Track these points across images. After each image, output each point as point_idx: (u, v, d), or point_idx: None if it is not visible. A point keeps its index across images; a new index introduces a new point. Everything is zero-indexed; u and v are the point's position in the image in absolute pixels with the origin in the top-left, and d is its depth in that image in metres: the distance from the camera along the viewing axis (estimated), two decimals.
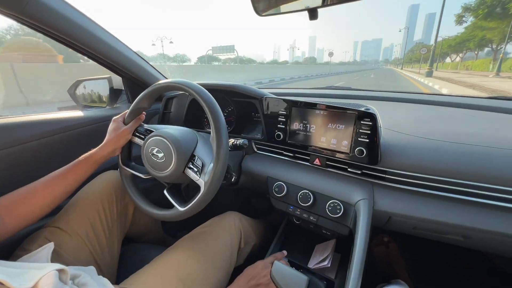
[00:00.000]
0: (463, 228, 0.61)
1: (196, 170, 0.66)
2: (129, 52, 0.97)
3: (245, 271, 0.70)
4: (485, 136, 0.66)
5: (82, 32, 0.77)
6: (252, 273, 0.68)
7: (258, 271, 0.68)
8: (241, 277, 0.68)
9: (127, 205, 0.86)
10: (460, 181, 0.60)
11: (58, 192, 0.64)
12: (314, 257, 0.81)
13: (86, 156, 0.70)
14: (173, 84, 0.70)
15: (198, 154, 0.69)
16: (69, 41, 0.76)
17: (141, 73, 1.04)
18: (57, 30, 0.70)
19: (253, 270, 0.69)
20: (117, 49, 0.91)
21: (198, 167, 0.66)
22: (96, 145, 0.79)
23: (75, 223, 0.69)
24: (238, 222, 0.82)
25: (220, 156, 0.61)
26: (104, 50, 0.87)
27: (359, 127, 0.68)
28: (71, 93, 1.18)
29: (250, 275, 0.68)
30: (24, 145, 0.75)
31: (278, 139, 0.85)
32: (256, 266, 0.70)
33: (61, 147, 0.86)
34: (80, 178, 0.68)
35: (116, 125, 0.76)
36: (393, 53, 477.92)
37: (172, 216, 0.67)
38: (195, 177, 0.65)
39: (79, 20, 0.75)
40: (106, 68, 0.99)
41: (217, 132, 0.62)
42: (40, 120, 0.81)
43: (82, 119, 0.92)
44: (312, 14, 0.47)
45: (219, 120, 0.63)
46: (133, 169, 0.77)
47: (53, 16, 0.67)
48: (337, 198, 0.71)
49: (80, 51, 0.84)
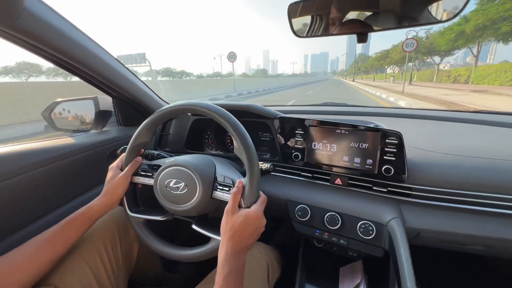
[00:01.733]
0: (489, 239, 0.63)
1: (227, 190, 0.60)
2: (123, 69, 0.88)
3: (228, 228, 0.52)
4: (495, 149, 0.71)
5: (77, 48, 0.67)
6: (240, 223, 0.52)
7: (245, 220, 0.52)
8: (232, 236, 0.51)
9: (131, 244, 0.74)
10: (483, 193, 0.63)
11: (43, 262, 0.52)
12: (343, 282, 0.77)
13: (79, 212, 0.60)
14: (188, 106, 0.63)
15: (222, 173, 0.64)
16: (61, 58, 0.65)
17: (137, 93, 0.95)
18: (50, 47, 0.60)
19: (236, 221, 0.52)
20: (112, 66, 0.81)
21: (228, 185, 0.61)
22: (84, 179, 0.68)
23: (72, 275, 0.56)
24: (263, 253, 0.76)
25: (255, 171, 0.56)
26: (99, 68, 0.77)
27: (385, 145, 0.69)
28: (46, 115, 1.01)
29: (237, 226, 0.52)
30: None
31: (296, 159, 0.82)
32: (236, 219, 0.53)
33: (41, 185, 0.71)
34: (70, 241, 0.57)
35: (112, 174, 0.68)
36: (339, 65, 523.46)
37: (213, 250, 0.59)
38: (227, 196, 0.59)
39: (74, 35, 0.66)
40: (96, 88, 0.87)
41: (245, 146, 0.57)
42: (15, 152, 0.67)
43: (67, 148, 0.78)
44: (361, 38, 0.47)
45: (245, 137, 0.58)
46: (145, 214, 0.68)
47: (46, 30, 0.57)
48: (366, 218, 0.70)
49: (70, 69, 0.73)
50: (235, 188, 0.56)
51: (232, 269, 0.48)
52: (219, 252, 0.52)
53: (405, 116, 1.08)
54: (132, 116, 1.03)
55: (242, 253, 0.52)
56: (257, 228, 0.54)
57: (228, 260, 0.49)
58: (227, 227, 0.52)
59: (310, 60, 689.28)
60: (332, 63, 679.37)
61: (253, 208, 0.55)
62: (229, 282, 0.46)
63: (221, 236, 0.54)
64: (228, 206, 0.55)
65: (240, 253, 0.51)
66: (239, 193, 0.56)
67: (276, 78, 55.40)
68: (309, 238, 0.82)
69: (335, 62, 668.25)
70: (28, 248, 0.52)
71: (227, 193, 0.60)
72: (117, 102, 0.98)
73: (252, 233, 0.53)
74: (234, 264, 0.49)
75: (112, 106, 1.00)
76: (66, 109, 1.03)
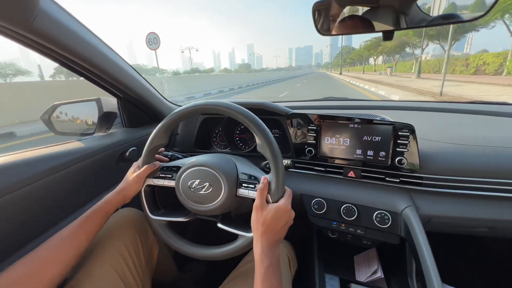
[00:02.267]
0: (493, 221, 0.69)
1: (253, 187, 0.61)
2: (131, 70, 0.85)
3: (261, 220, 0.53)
4: (501, 138, 0.76)
5: (89, 49, 0.65)
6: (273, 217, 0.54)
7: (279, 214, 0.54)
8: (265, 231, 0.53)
9: (152, 247, 0.74)
10: (488, 179, 0.68)
11: (69, 256, 0.52)
12: (359, 269, 0.81)
13: (95, 208, 0.60)
14: (208, 106, 0.63)
15: (244, 171, 0.65)
16: (72, 59, 0.63)
17: (144, 93, 0.93)
18: (64, 48, 0.57)
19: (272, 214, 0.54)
20: (120, 66, 0.79)
21: (252, 183, 0.62)
22: (96, 183, 0.68)
23: (101, 282, 0.55)
24: (283, 247, 0.78)
25: (279, 166, 0.58)
26: (108, 69, 0.75)
27: (397, 138, 0.72)
28: (45, 119, 0.97)
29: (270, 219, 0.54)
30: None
31: (310, 154, 0.84)
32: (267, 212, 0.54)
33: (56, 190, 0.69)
34: (91, 235, 0.57)
35: (131, 171, 0.69)
36: (323, 58, 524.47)
37: (242, 246, 0.60)
38: (253, 194, 0.60)
39: (86, 36, 0.63)
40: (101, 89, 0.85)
41: (268, 143, 0.58)
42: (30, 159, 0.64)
43: (78, 152, 0.76)
44: (387, 35, 0.48)
45: (268, 134, 0.59)
46: (167, 216, 0.68)
47: (61, 31, 0.55)
48: (382, 208, 0.73)
49: (78, 70, 0.70)
50: (261, 185, 0.57)
51: (271, 262, 0.49)
52: (254, 248, 0.53)
53: (408, 109, 1.13)
54: (138, 117, 1.01)
55: (276, 246, 0.53)
56: (288, 221, 0.56)
57: (265, 254, 0.50)
58: (259, 223, 0.54)
59: (294, 53, 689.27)
60: (316, 56, 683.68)
61: (282, 202, 0.56)
62: (269, 274, 0.48)
63: (253, 232, 0.55)
64: (256, 202, 0.56)
65: (274, 246, 0.53)
66: (266, 189, 0.57)
67: (260, 73, 51.26)
68: (323, 230, 0.85)
69: (319, 55, 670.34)
70: (53, 244, 0.52)
71: (252, 190, 0.61)
72: (122, 103, 0.95)
73: (284, 226, 0.55)
74: (272, 257, 0.50)
75: (117, 108, 0.97)
76: (67, 112, 0.98)
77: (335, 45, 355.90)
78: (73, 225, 0.55)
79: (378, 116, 0.86)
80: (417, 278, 0.71)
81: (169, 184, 0.67)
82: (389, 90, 13.17)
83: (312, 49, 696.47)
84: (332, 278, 0.79)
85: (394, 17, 0.49)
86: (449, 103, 1.12)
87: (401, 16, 0.47)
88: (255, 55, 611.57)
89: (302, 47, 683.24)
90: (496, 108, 1.01)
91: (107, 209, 0.61)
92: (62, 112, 0.98)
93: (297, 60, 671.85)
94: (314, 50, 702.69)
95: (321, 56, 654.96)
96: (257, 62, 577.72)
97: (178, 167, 0.67)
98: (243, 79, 31.88)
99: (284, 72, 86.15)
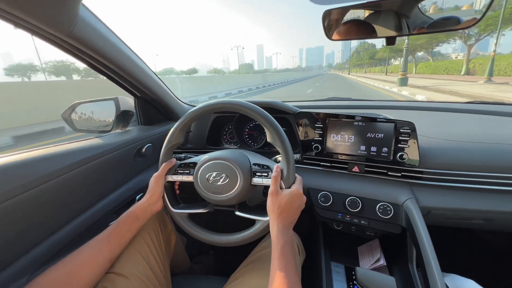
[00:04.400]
0: (489, 213, 0.74)
1: (266, 175, 0.66)
2: (149, 71, 0.91)
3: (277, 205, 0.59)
4: (494, 135, 0.82)
5: (117, 53, 0.71)
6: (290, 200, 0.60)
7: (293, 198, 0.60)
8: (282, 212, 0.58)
9: (170, 235, 0.79)
10: (483, 173, 0.73)
11: (103, 260, 0.57)
12: (363, 258, 0.86)
13: (127, 213, 0.65)
14: (223, 104, 0.68)
15: (256, 162, 0.70)
16: (103, 63, 0.69)
17: (160, 93, 0.99)
18: (97, 52, 0.63)
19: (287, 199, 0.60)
20: (141, 67, 0.85)
21: (265, 171, 0.67)
22: (114, 177, 0.74)
23: (129, 263, 0.61)
24: (293, 237, 0.83)
25: (290, 155, 0.63)
26: (131, 71, 0.81)
27: (399, 135, 0.77)
28: (66, 117, 1.03)
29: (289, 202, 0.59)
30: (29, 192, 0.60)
31: (317, 150, 0.89)
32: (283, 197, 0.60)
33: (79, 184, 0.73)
34: (124, 239, 0.62)
35: (153, 174, 0.73)
36: (335, 59, 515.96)
37: (260, 230, 0.65)
38: (267, 181, 0.65)
39: (116, 42, 0.70)
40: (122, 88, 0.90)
41: (279, 135, 0.63)
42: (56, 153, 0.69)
43: (99, 148, 0.81)
44: (390, 41, 0.54)
45: (278, 128, 0.64)
46: (187, 208, 0.73)
47: (96, 38, 0.61)
48: (384, 200, 0.78)
49: (104, 72, 0.76)
50: (275, 173, 0.63)
51: (286, 241, 0.55)
52: (270, 229, 0.58)
53: (409, 108, 1.18)
54: (153, 115, 1.07)
55: (290, 228, 0.59)
56: (300, 205, 0.62)
57: (282, 234, 0.56)
58: (274, 206, 0.59)
59: (305, 53, 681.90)
60: (328, 56, 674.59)
61: (294, 187, 0.62)
62: (285, 251, 0.53)
63: (270, 215, 0.60)
64: (271, 188, 0.61)
65: (289, 228, 0.59)
66: (279, 176, 0.63)
67: (262, 74, 41.42)
68: (329, 221, 0.90)
69: (330, 56, 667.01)
70: (90, 247, 0.57)
71: (265, 178, 0.66)
72: (139, 102, 1.01)
73: (297, 209, 0.61)
74: (287, 237, 0.56)
75: (133, 106, 1.03)
76: (86, 110, 1.04)
77: (347, 45, 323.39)
78: (108, 230, 0.60)
79: (380, 115, 0.92)
80: (418, 266, 0.76)
81: (187, 179, 0.72)
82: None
83: (323, 50, 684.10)
84: (337, 266, 0.84)
85: (396, 22, 0.54)
86: (447, 103, 1.18)
87: (403, 21, 0.52)
88: (264, 56, 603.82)
89: (313, 47, 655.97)
90: (492, 107, 1.06)
91: (136, 213, 0.65)
92: (82, 110, 1.04)
93: (307, 61, 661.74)
94: (325, 51, 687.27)
95: (332, 56, 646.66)
96: (267, 63, 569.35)
97: (194, 163, 0.72)
98: (234, 83, 24.24)
99: (290, 73, 78.26)
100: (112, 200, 0.86)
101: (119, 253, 0.61)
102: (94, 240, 0.58)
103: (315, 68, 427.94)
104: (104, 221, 0.83)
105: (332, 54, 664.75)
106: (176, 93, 1.13)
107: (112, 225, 0.62)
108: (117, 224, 0.62)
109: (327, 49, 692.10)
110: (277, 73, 55.18)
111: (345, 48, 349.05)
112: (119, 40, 0.71)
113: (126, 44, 0.75)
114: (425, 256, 0.65)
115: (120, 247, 0.61)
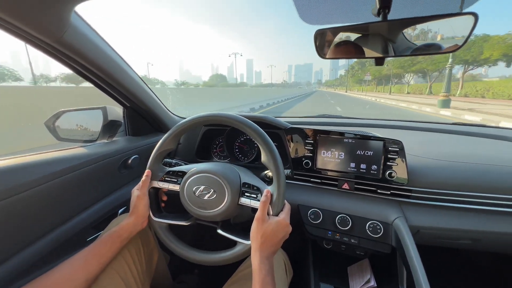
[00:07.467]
0: (476, 232, 0.74)
1: (255, 196, 0.64)
2: (140, 81, 0.90)
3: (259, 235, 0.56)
4: (481, 156, 0.84)
5: (108, 61, 0.70)
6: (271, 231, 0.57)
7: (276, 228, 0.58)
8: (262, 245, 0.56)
9: (152, 252, 0.75)
10: (471, 193, 0.74)
11: (78, 281, 0.53)
12: (353, 279, 0.83)
13: (110, 232, 0.62)
14: (216, 117, 0.67)
15: (246, 181, 0.67)
16: (92, 70, 0.67)
17: (150, 104, 0.97)
18: (86, 60, 0.62)
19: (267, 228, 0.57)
20: (132, 78, 0.84)
21: (254, 193, 0.64)
22: (97, 189, 0.72)
23: (105, 284, 0.56)
24: (280, 254, 0.80)
25: (281, 181, 0.61)
26: (121, 80, 0.79)
27: (388, 152, 0.78)
28: (49, 125, 0.99)
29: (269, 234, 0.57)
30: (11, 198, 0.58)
31: (307, 166, 0.89)
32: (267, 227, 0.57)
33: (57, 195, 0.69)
34: (103, 259, 0.58)
35: (134, 193, 0.69)
36: (323, 76, 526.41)
37: (241, 253, 0.61)
38: (254, 203, 0.63)
39: (107, 51, 0.69)
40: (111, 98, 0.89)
41: (273, 156, 0.62)
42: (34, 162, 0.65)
43: (81, 158, 0.78)
44: (379, 61, 0.56)
45: (273, 149, 0.63)
46: (169, 218, 0.69)
47: (86, 45, 0.60)
48: (374, 218, 0.78)
49: (93, 80, 0.74)
50: (264, 197, 0.60)
51: (268, 271, 0.52)
52: (252, 257, 0.56)
53: (396, 127, 1.22)
54: (141, 126, 1.04)
55: (271, 257, 0.57)
56: (285, 236, 0.60)
57: (263, 263, 0.53)
58: (258, 233, 0.57)
59: (294, 70, 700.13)
60: (316, 74, 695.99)
61: (282, 216, 0.60)
62: (267, 283, 0.51)
63: (252, 241, 0.58)
64: (258, 214, 0.59)
65: (270, 257, 0.56)
66: (268, 201, 0.60)
67: (236, 88, 36.62)
68: (318, 240, 0.88)
69: (318, 73, 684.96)
70: (65, 269, 0.53)
71: (253, 200, 0.64)
72: (128, 112, 0.99)
73: (281, 240, 0.59)
74: (268, 266, 0.54)
75: (122, 116, 1.01)
76: (72, 119, 1.01)
77: (335, 64, 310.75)
78: (86, 249, 0.57)
79: (370, 133, 0.93)
80: (408, 286, 0.74)
81: (173, 188, 0.69)
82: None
83: (312, 67, 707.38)
84: (327, 287, 0.81)
85: (383, 45, 0.57)
86: (434, 123, 1.22)
87: (390, 44, 0.55)
88: (253, 70, 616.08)
89: (302, 64, 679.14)
90: (474, 129, 1.10)
91: (119, 233, 0.62)
92: (67, 119, 1.01)
93: (296, 77, 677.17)
94: (314, 68, 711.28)
95: (321, 74, 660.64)
96: (256, 77, 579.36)
97: (183, 172, 0.69)
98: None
99: (276, 88, 66.89)
100: (92, 213, 0.81)
101: (98, 273, 0.56)
102: (70, 260, 0.54)
103: (303, 84, 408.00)
104: (82, 236, 0.77)
105: (321, 71, 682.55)
106: (167, 104, 1.11)
107: (91, 245, 0.58)
108: (96, 244, 0.58)
109: (316, 67, 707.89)
110: (256, 89, 45.49)
111: (334, 66, 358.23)
112: (110, 49, 0.70)
113: (118, 53, 0.74)
114: (415, 277, 0.63)
115: (99, 267, 0.57)
